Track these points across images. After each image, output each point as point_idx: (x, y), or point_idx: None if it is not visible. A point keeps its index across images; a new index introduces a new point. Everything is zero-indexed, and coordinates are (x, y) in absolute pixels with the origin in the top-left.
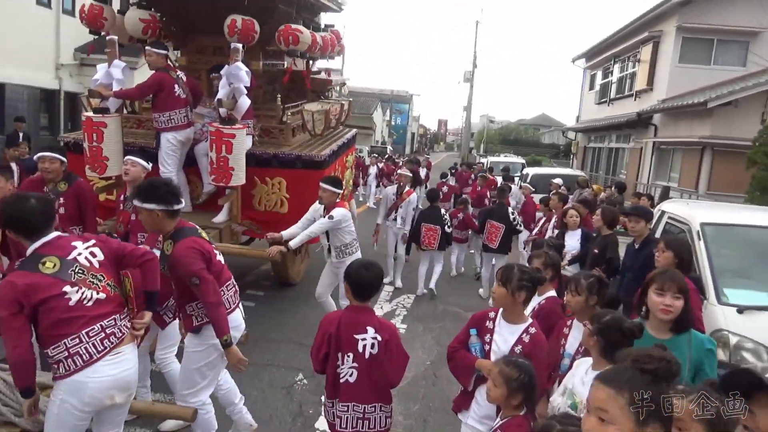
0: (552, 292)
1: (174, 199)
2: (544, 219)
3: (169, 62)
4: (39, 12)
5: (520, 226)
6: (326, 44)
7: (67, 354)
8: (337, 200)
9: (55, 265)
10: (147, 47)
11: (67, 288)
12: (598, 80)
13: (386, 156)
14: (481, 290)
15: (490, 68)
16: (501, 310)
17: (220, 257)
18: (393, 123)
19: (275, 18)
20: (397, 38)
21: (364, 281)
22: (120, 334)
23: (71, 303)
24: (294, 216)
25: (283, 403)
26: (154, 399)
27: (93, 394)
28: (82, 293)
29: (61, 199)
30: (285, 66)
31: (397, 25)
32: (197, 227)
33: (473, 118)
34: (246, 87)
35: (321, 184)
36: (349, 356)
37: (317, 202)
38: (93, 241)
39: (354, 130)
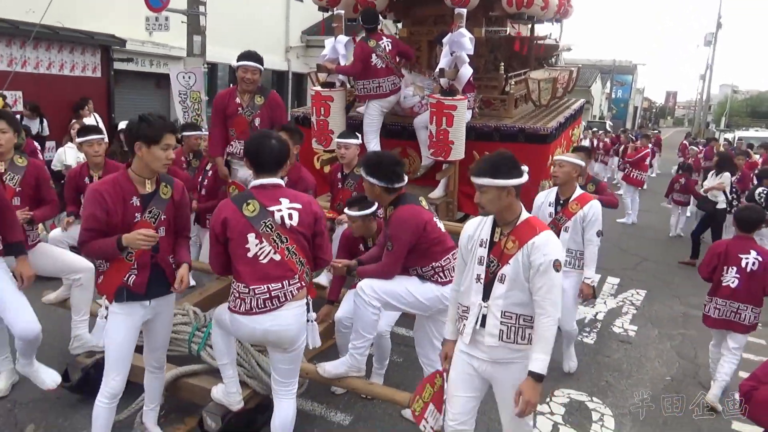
0: None
1: (396, 178)
2: None
3: (378, 31)
4: (271, 0)
5: None
6: (560, 5)
7: (238, 295)
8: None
9: (254, 210)
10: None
11: (251, 237)
12: None
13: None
14: None
15: (737, 27)
16: None
17: (440, 225)
18: (614, 96)
19: None
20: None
21: (747, 219)
22: (283, 299)
23: (249, 254)
24: None
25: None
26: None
27: (244, 335)
28: (261, 248)
29: (259, 110)
30: (507, 32)
31: None
32: (418, 196)
33: (711, 89)
34: (468, 55)
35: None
36: (732, 269)
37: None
38: (300, 206)
39: (582, 100)
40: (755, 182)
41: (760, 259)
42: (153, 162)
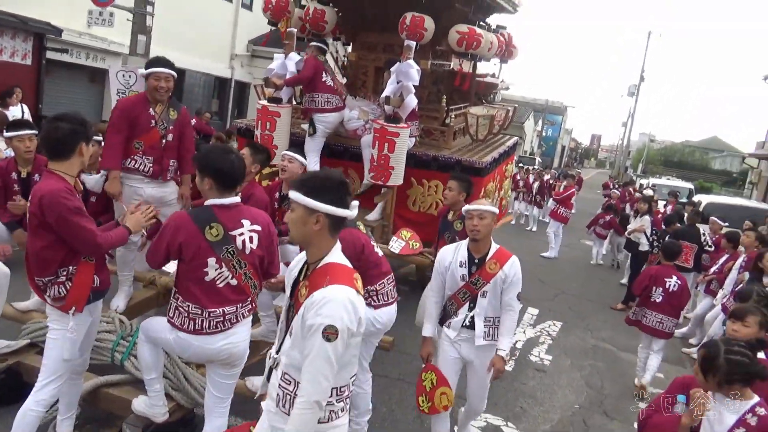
0: None
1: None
2: (726, 257)
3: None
4: (221, 6)
5: (711, 246)
6: (498, 47)
7: (186, 314)
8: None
9: (218, 235)
10: (312, 43)
11: (211, 261)
12: None
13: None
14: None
15: (658, 83)
16: None
17: (378, 250)
18: (544, 134)
19: (449, 17)
20: (555, 45)
21: (671, 251)
22: (234, 321)
23: (206, 278)
24: None
25: (413, 426)
26: None
27: (192, 354)
28: (220, 273)
29: (172, 125)
30: (451, 66)
31: (556, 31)
32: (356, 220)
33: (632, 136)
34: (414, 86)
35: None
36: (659, 288)
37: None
38: (260, 228)
39: (516, 138)
40: (663, 227)
41: (679, 282)
42: (87, 159)
